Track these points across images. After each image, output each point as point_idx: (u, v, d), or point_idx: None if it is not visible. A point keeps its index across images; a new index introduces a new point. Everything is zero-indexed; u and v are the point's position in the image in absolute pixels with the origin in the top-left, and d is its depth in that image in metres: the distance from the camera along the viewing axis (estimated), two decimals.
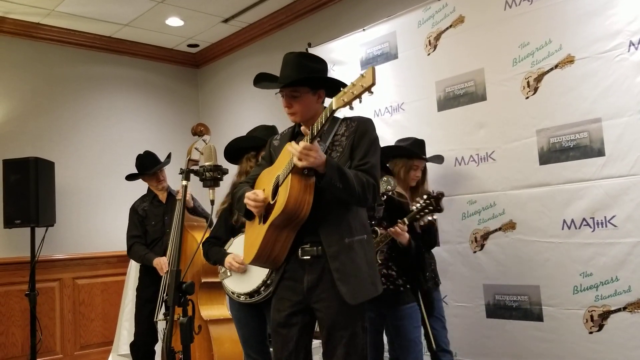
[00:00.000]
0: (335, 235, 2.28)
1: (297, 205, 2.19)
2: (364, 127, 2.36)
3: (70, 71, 5.67)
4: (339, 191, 2.19)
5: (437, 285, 3.28)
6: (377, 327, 3.04)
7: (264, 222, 2.34)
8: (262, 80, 2.48)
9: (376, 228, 2.90)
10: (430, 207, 2.85)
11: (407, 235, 2.88)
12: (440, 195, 2.85)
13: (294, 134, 2.48)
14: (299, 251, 2.33)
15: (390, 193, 2.84)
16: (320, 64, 2.45)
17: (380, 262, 2.91)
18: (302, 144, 2.11)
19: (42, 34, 5.46)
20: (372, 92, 1.98)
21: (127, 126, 5.98)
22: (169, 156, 4.40)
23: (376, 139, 2.38)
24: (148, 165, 4.22)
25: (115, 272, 5.58)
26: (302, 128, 2.23)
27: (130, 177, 4.33)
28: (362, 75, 1.99)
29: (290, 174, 2.18)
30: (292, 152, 2.12)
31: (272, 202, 2.31)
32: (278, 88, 2.38)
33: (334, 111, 2.06)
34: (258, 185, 2.49)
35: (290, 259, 2.37)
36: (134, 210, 4.25)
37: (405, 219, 2.87)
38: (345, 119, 2.42)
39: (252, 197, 2.32)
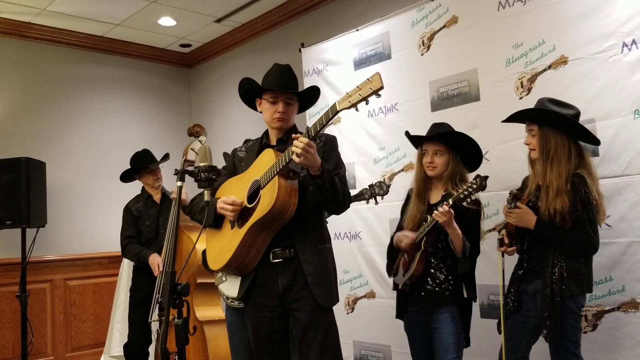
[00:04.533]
0: (309, 241, 2.41)
1: (284, 206, 2.28)
2: (332, 143, 2.55)
3: (61, 71, 5.63)
4: (327, 194, 2.29)
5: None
6: (426, 329, 2.83)
7: (240, 226, 2.36)
8: (249, 84, 2.59)
9: (427, 215, 2.78)
10: (474, 186, 2.60)
11: (452, 222, 2.63)
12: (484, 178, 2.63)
13: (262, 145, 2.58)
14: (270, 255, 2.42)
15: (381, 198, 2.81)
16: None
17: (433, 264, 2.77)
18: (305, 140, 2.16)
19: (34, 34, 5.42)
20: (379, 95, 2.06)
21: (119, 126, 5.95)
22: (167, 155, 4.38)
23: (340, 155, 2.58)
24: (146, 161, 4.20)
25: (107, 273, 5.56)
26: (294, 135, 2.25)
27: (125, 175, 4.30)
28: (368, 80, 2.06)
29: (276, 176, 2.26)
30: (294, 148, 2.16)
31: (249, 206, 2.34)
32: (290, 91, 2.51)
33: (337, 112, 2.13)
34: (222, 194, 2.54)
35: (261, 265, 2.44)
36: (127, 210, 4.22)
37: (450, 200, 2.62)
38: None
39: (230, 202, 2.39)
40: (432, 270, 2.77)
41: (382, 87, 2.03)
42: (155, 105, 6.30)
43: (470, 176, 2.79)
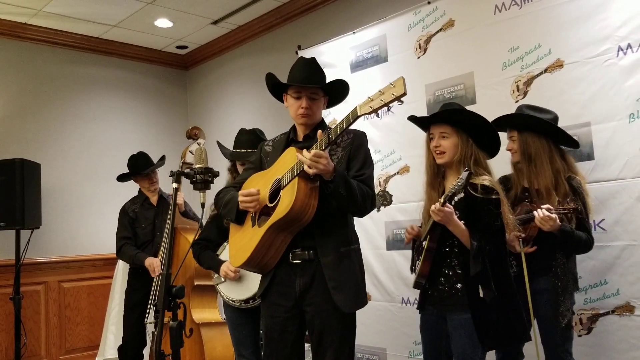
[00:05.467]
0: (332, 243, 2.33)
1: (303, 209, 2.21)
2: (359, 140, 2.44)
3: (57, 72, 5.62)
4: (343, 199, 2.22)
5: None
6: (438, 330, 2.60)
7: (260, 225, 2.34)
8: (274, 80, 2.52)
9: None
10: (461, 182, 2.38)
11: (450, 219, 2.40)
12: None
13: (289, 141, 2.51)
14: (290, 255, 2.37)
15: (384, 207, 2.70)
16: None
17: (446, 261, 2.53)
18: (313, 151, 2.12)
19: (29, 34, 5.40)
20: (402, 102, 2.00)
21: (115, 128, 5.93)
22: (162, 158, 4.36)
23: (369, 152, 2.46)
24: (142, 166, 4.18)
25: (102, 275, 5.54)
26: (319, 132, 2.21)
27: (122, 178, 4.29)
28: (391, 84, 2.00)
29: (296, 178, 2.20)
30: (302, 159, 2.13)
31: (270, 205, 2.31)
32: (313, 86, 2.43)
33: (357, 117, 2.07)
34: (246, 188, 2.47)
35: (280, 264, 2.39)
36: (124, 211, 4.20)
37: (441, 199, 2.40)
38: None
39: (246, 194, 2.34)
40: (444, 269, 2.52)
41: (404, 94, 1.95)
42: (151, 106, 6.29)
43: (491, 163, 2.64)
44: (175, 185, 2.30)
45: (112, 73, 6.01)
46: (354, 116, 2.07)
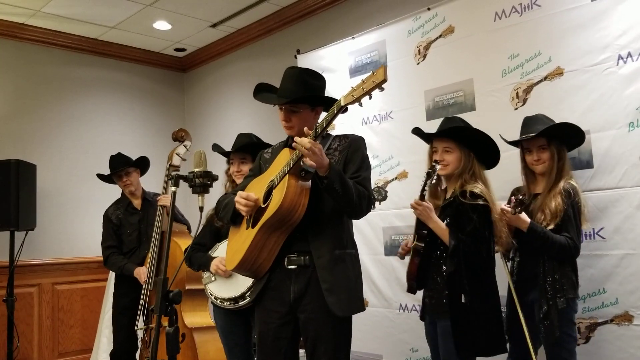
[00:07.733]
0: (326, 245, 2.31)
1: (292, 206, 2.20)
2: (357, 144, 2.44)
3: (54, 73, 5.59)
4: (338, 196, 2.21)
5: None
6: (433, 335, 2.69)
7: (253, 226, 2.32)
8: (262, 91, 2.52)
9: None
10: (431, 172, 2.63)
11: (429, 216, 2.58)
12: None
13: (286, 147, 2.49)
14: (285, 260, 2.34)
15: (379, 203, 2.76)
16: (320, 81, 2.49)
17: (435, 267, 2.65)
18: (309, 140, 2.11)
19: (27, 35, 5.38)
20: (382, 89, 2.00)
21: (111, 129, 5.91)
22: (138, 159, 4.26)
23: (367, 156, 2.46)
24: (112, 167, 4.16)
25: (96, 278, 5.50)
26: (305, 128, 2.19)
27: (103, 178, 4.27)
28: (372, 73, 2.01)
29: (287, 176, 2.20)
30: (297, 147, 2.12)
31: (263, 206, 2.30)
32: (278, 104, 2.41)
33: (342, 108, 2.08)
34: None
35: (275, 269, 2.37)
36: (107, 218, 4.13)
37: (420, 192, 2.62)
38: (337, 135, 2.49)
39: (244, 196, 2.34)
40: (434, 275, 2.62)
41: (385, 80, 1.96)
42: (148, 109, 6.27)
43: (489, 174, 2.81)
44: (173, 189, 2.27)
45: (110, 75, 5.98)
46: (338, 107, 2.08)
